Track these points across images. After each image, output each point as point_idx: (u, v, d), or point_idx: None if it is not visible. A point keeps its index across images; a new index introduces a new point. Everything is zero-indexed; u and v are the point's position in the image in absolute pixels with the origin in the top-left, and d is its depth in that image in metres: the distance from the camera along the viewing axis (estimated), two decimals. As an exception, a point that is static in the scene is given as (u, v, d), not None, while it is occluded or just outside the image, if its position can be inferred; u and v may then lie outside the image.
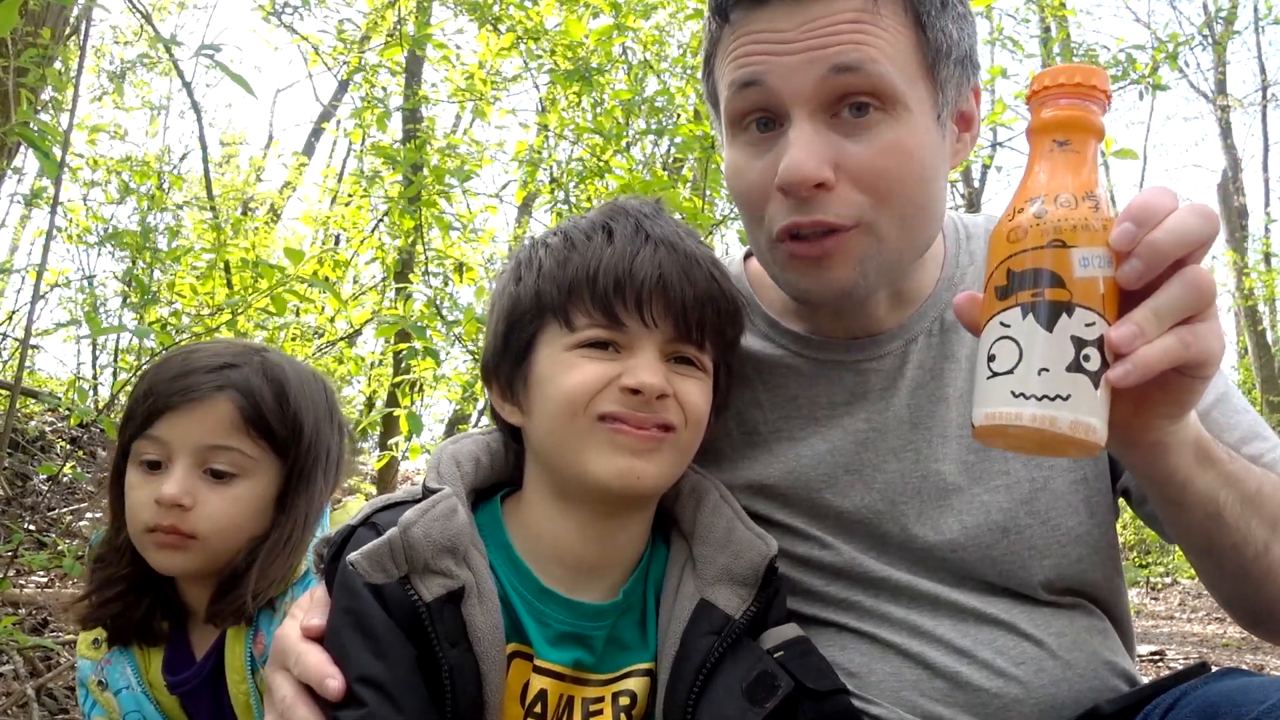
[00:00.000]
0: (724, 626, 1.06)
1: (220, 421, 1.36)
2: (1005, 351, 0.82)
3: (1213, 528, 1.01)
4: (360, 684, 0.94)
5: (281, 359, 1.46)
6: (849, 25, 1.05)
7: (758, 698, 1.01)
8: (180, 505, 1.32)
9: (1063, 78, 0.86)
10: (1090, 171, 0.85)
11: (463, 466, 1.11)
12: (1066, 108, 0.86)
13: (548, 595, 1.07)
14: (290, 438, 1.40)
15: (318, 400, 1.45)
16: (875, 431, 1.23)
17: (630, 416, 1.03)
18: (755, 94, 1.09)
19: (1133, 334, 0.79)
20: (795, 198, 1.08)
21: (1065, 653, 1.15)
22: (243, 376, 1.37)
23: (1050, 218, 0.82)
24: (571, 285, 1.05)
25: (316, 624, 0.99)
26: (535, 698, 1.05)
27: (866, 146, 1.07)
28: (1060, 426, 0.79)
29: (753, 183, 1.13)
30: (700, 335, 1.08)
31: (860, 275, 1.12)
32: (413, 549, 0.99)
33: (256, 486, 1.38)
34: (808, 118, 1.07)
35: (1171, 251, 0.80)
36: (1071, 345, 0.80)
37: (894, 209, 1.10)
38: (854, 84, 1.05)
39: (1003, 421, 0.82)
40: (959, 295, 0.92)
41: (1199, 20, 13.80)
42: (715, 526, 1.12)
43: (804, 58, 1.06)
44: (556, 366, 1.05)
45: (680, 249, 1.08)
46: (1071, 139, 0.86)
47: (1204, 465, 0.97)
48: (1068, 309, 0.81)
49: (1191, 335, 0.81)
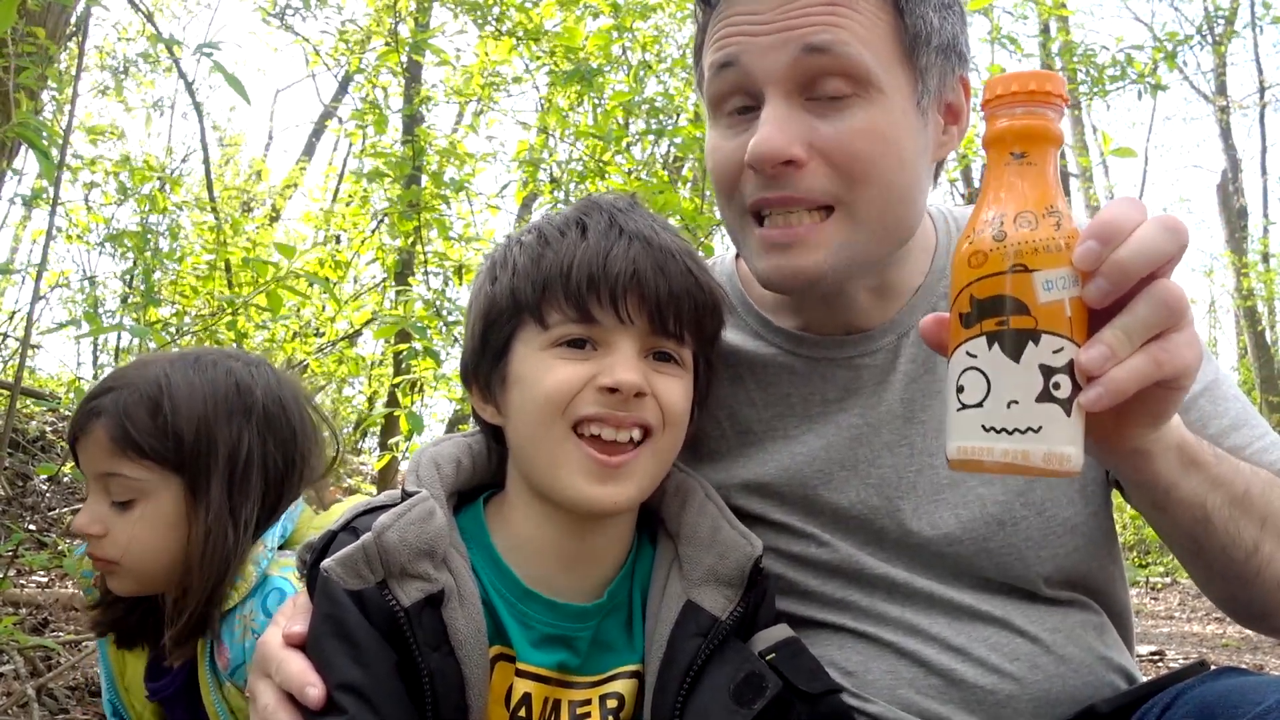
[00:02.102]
0: (710, 628, 1.05)
1: (100, 450, 1.36)
2: (973, 383, 0.80)
3: (1201, 531, 1.01)
4: (340, 691, 0.93)
5: (176, 369, 1.40)
6: (823, 7, 1.06)
7: (745, 699, 1.01)
8: (91, 535, 1.35)
9: (1015, 85, 0.82)
10: (1050, 184, 0.82)
11: (442, 469, 1.10)
12: (1023, 116, 0.82)
13: (530, 596, 1.06)
14: (172, 450, 1.35)
15: (211, 401, 1.38)
16: (869, 427, 1.23)
17: (608, 417, 1.02)
18: (732, 75, 1.11)
19: (1103, 356, 0.77)
20: (765, 175, 1.09)
21: (1060, 649, 1.15)
22: (114, 401, 1.35)
23: (1010, 240, 0.79)
24: (546, 283, 1.04)
25: (298, 631, 0.99)
26: (520, 701, 1.04)
27: (838, 127, 1.08)
28: (1033, 460, 0.78)
29: (725, 160, 1.14)
30: (678, 329, 1.07)
31: (831, 265, 1.11)
32: (388, 553, 0.98)
33: (160, 505, 1.36)
34: (781, 97, 1.08)
35: (1138, 269, 0.78)
36: (1040, 374, 0.78)
37: (869, 192, 1.10)
38: (825, 65, 1.06)
39: (975, 457, 0.80)
40: (925, 318, 0.90)
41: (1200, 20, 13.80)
42: (701, 526, 1.11)
43: (777, 38, 1.07)
44: (533, 367, 1.05)
45: (655, 243, 1.07)
46: (1029, 150, 0.82)
47: (1189, 469, 0.96)
48: (1034, 337, 0.78)
49: (1164, 352, 0.79)
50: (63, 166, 2.98)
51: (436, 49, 5.28)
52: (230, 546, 1.35)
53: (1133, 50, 5.79)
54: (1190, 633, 6.98)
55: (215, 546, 1.34)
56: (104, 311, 6.39)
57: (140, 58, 8.78)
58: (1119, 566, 1.29)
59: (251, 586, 1.36)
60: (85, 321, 3.77)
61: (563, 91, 5.32)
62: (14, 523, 3.80)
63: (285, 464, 1.43)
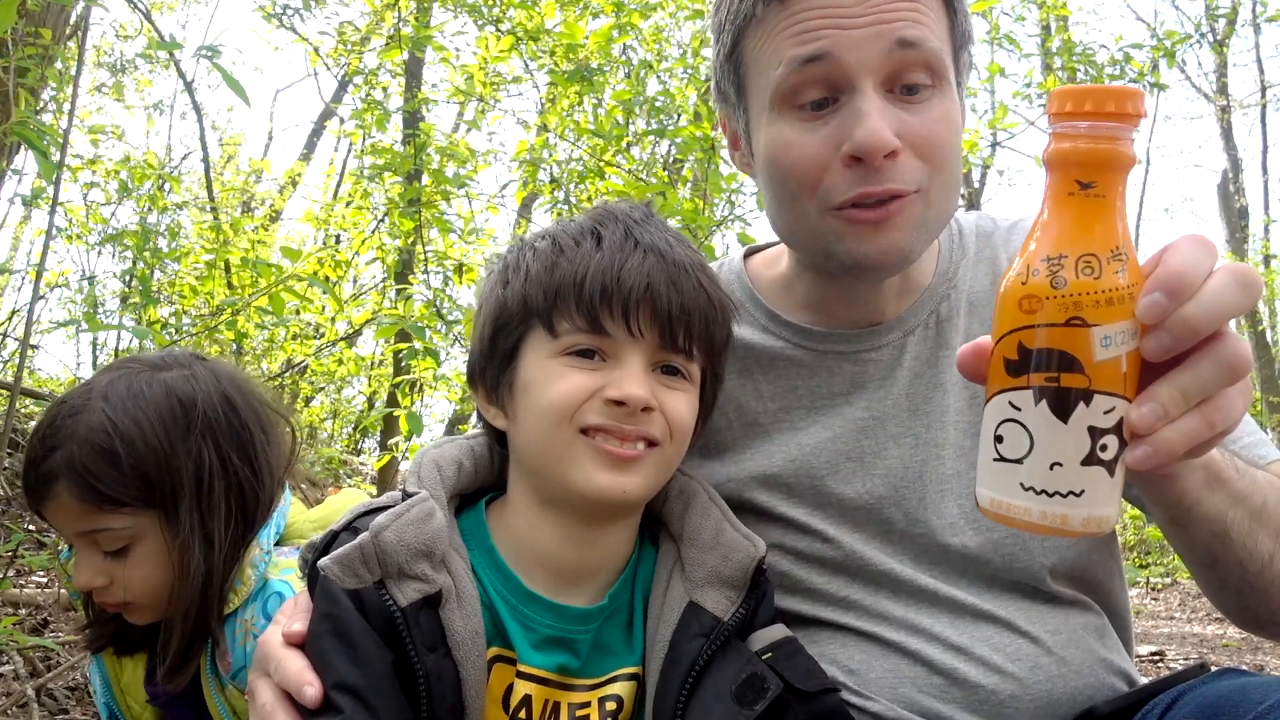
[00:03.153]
0: (713, 628, 1.05)
1: (72, 513, 1.31)
2: (1014, 437, 0.74)
3: (1219, 545, 1.00)
4: (337, 690, 0.93)
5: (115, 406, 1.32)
6: (906, 3, 1.10)
7: (747, 700, 1.01)
8: (96, 588, 1.33)
9: (1090, 103, 0.71)
10: (1118, 221, 0.73)
11: (444, 471, 1.10)
12: (1094, 140, 0.72)
13: (532, 599, 1.06)
14: (143, 490, 1.31)
15: (160, 428, 1.33)
16: (875, 419, 1.24)
17: (614, 429, 1.02)
18: (822, 67, 1.10)
19: (1155, 416, 0.72)
20: (869, 166, 1.09)
21: (1061, 650, 1.16)
22: (66, 459, 1.29)
23: (1070, 289, 0.71)
24: (558, 292, 1.04)
25: (298, 630, 0.99)
26: (520, 703, 1.04)
27: (924, 117, 1.11)
28: (1072, 524, 0.73)
29: (809, 155, 1.12)
30: (688, 344, 1.07)
31: (914, 239, 1.15)
32: (385, 554, 0.98)
33: (152, 542, 1.33)
34: (874, 89, 1.10)
35: (1206, 328, 0.71)
36: (1088, 437, 0.72)
37: (943, 177, 1.14)
38: (914, 58, 1.10)
39: (1010, 514, 0.75)
40: (964, 347, 0.82)
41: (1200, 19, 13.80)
42: (704, 528, 1.11)
43: (871, 30, 1.08)
44: (541, 374, 1.04)
45: (669, 257, 1.07)
46: (1098, 180, 0.72)
47: (1213, 487, 0.95)
48: (1086, 397, 0.71)
49: (1218, 411, 0.74)
50: (62, 166, 2.97)
51: (438, 46, 5.29)
52: (212, 564, 1.33)
53: (1132, 49, 5.80)
54: (1190, 633, 6.98)
55: (193, 569, 1.32)
56: (103, 311, 6.39)
57: (139, 57, 8.78)
58: (1119, 564, 1.30)
59: (251, 589, 1.35)
60: (84, 321, 3.77)
61: (563, 91, 5.32)
62: (13, 523, 3.80)
63: (248, 465, 1.39)
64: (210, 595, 1.33)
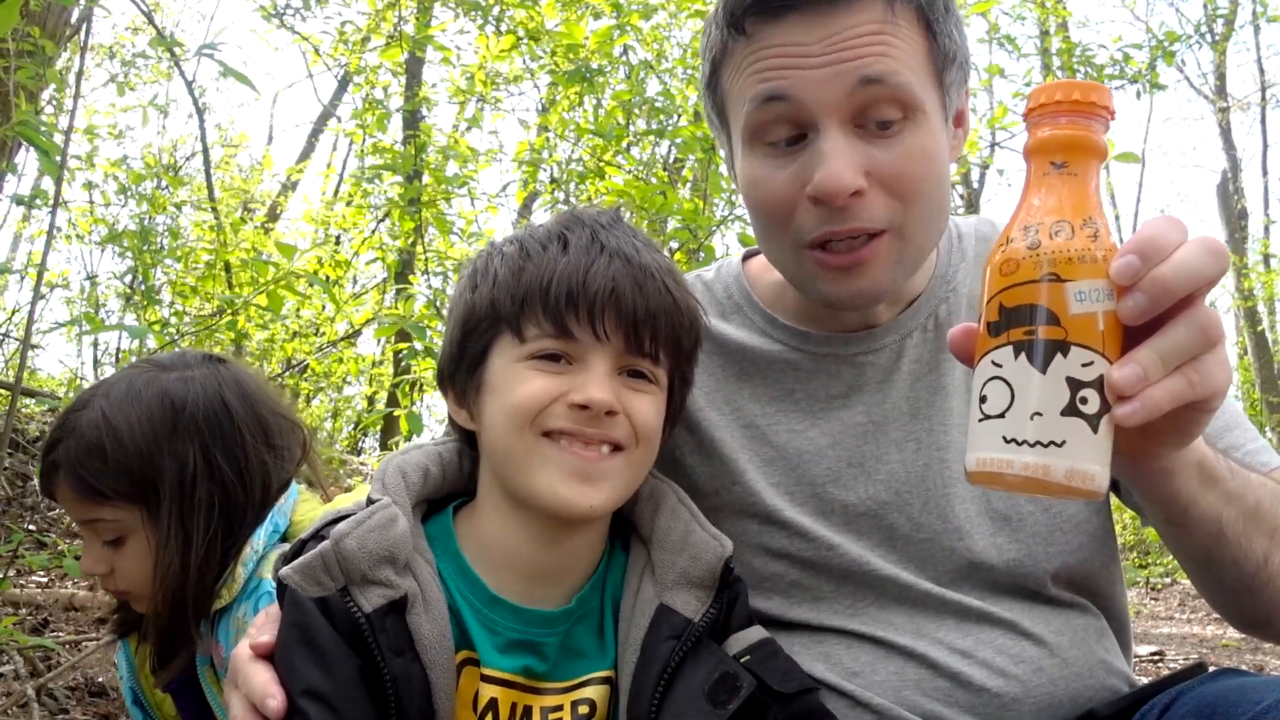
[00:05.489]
0: (684, 630, 1.05)
1: (71, 502, 1.40)
2: (997, 393, 0.78)
3: (1213, 545, 1.01)
4: (304, 697, 0.93)
5: (112, 403, 1.39)
6: (871, 37, 1.06)
7: (720, 699, 1.00)
8: (99, 574, 1.40)
9: (1060, 94, 0.80)
10: (1090, 195, 0.79)
11: (409, 477, 1.10)
12: (1066, 126, 0.80)
13: (496, 603, 1.06)
14: (129, 486, 1.37)
15: (149, 428, 1.38)
16: (874, 424, 1.24)
17: (578, 433, 1.02)
18: (781, 108, 1.10)
19: (1136, 376, 0.75)
20: (830, 207, 1.09)
21: (1064, 652, 1.16)
22: (66, 453, 1.37)
23: (1045, 249, 0.77)
24: (525, 296, 1.04)
25: (265, 641, 0.99)
26: (486, 706, 1.04)
27: (894, 153, 1.09)
28: (1055, 475, 0.75)
29: (778, 193, 1.13)
30: (654, 348, 1.07)
31: (890, 279, 1.14)
32: (347, 560, 0.99)
33: (141, 535, 1.39)
34: (837, 128, 1.08)
35: (1179, 289, 0.76)
36: (1067, 387, 0.75)
37: (919, 210, 1.12)
38: (880, 94, 1.07)
39: (995, 469, 0.77)
40: (954, 328, 0.88)
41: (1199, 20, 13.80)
42: (673, 530, 1.11)
43: (831, 71, 1.06)
44: (507, 378, 1.05)
45: (635, 261, 1.07)
46: (1070, 161, 0.80)
47: (1207, 486, 0.96)
48: (1063, 348, 0.76)
49: (1197, 374, 0.78)
50: (64, 166, 2.97)
51: (439, 45, 5.29)
52: (189, 562, 1.36)
53: (1130, 49, 5.80)
54: (1191, 634, 6.98)
55: (169, 565, 1.35)
56: (104, 311, 6.39)
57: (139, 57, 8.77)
58: (1118, 568, 1.30)
59: (241, 587, 1.37)
60: (85, 321, 3.77)
61: (564, 91, 5.32)
62: (14, 523, 3.80)
63: (235, 469, 1.41)
64: (186, 593, 1.35)
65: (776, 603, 1.23)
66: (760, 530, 1.23)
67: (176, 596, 1.35)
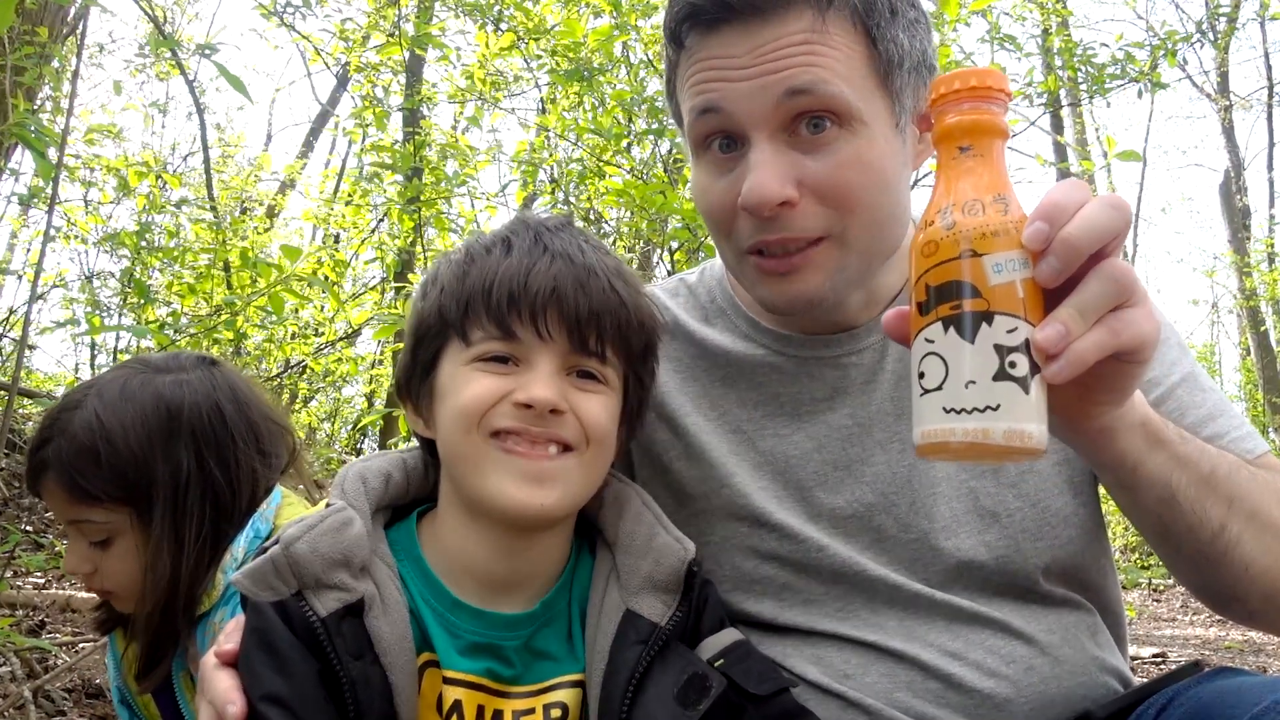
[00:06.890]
0: (650, 635, 1.05)
1: (60, 502, 1.38)
2: (932, 368, 0.82)
3: (1165, 511, 1.01)
4: (265, 702, 0.94)
5: (106, 405, 1.38)
6: (799, 47, 1.06)
7: (690, 701, 1.01)
8: (83, 573, 1.40)
9: (959, 83, 0.85)
10: (997, 173, 0.84)
11: (369, 483, 1.10)
12: (968, 112, 0.85)
13: (458, 606, 1.06)
14: (121, 489, 1.36)
15: (144, 432, 1.37)
16: (859, 426, 1.24)
17: (523, 431, 1.02)
18: (714, 119, 1.11)
19: (1059, 334, 0.79)
20: (760, 218, 1.10)
21: (1055, 650, 1.16)
22: (56, 453, 1.35)
23: (960, 227, 0.82)
24: (469, 300, 1.05)
25: (229, 649, 1.00)
26: (450, 708, 1.04)
27: (826, 163, 1.09)
28: (994, 438, 0.79)
29: (717, 202, 1.15)
30: (600, 347, 1.06)
31: (830, 286, 1.15)
32: (299, 565, 0.99)
33: (129, 538, 1.38)
34: (766, 139, 1.09)
35: (1086, 246, 0.80)
36: (995, 354, 0.79)
37: (859, 218, 1.12)
38: (808, 105, 1.07)
39: (939, 439, 0.81)
40: (888, 312, 0.91)
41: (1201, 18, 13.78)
42: (637, 534, 1.11)
43: (757, 83, 1.07)
44: (456, 381, 1.05)
45: (578, 261, 1.07)
46: (974, 143, 0.85)
47: (1154, 447, 0.97)
48: (987, 318, 0.80)
49: (1120, 323, 0.81)
50: (60, 166, 2.96)
51: (439, 43, 5.28)
52: (179, 567, 1.35)
53: (1132, 48, 5.78)
54: (1193, 635, 6.98)
55: (159, 569, 1.35)
56: (102, 311, 6.38)
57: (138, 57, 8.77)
58: (1110, 561, 1.30)
59: (220, 593, 1.36)
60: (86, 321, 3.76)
61: (563, 91, 5.31)
62: (10, 524, 3.80)
63: (226, 475, 1.41)
64: (176, 597, 1.35)
65: (769, 606, 1.23)
66: (750, 533, 1.23)
67: (167, 601, 1.35)
